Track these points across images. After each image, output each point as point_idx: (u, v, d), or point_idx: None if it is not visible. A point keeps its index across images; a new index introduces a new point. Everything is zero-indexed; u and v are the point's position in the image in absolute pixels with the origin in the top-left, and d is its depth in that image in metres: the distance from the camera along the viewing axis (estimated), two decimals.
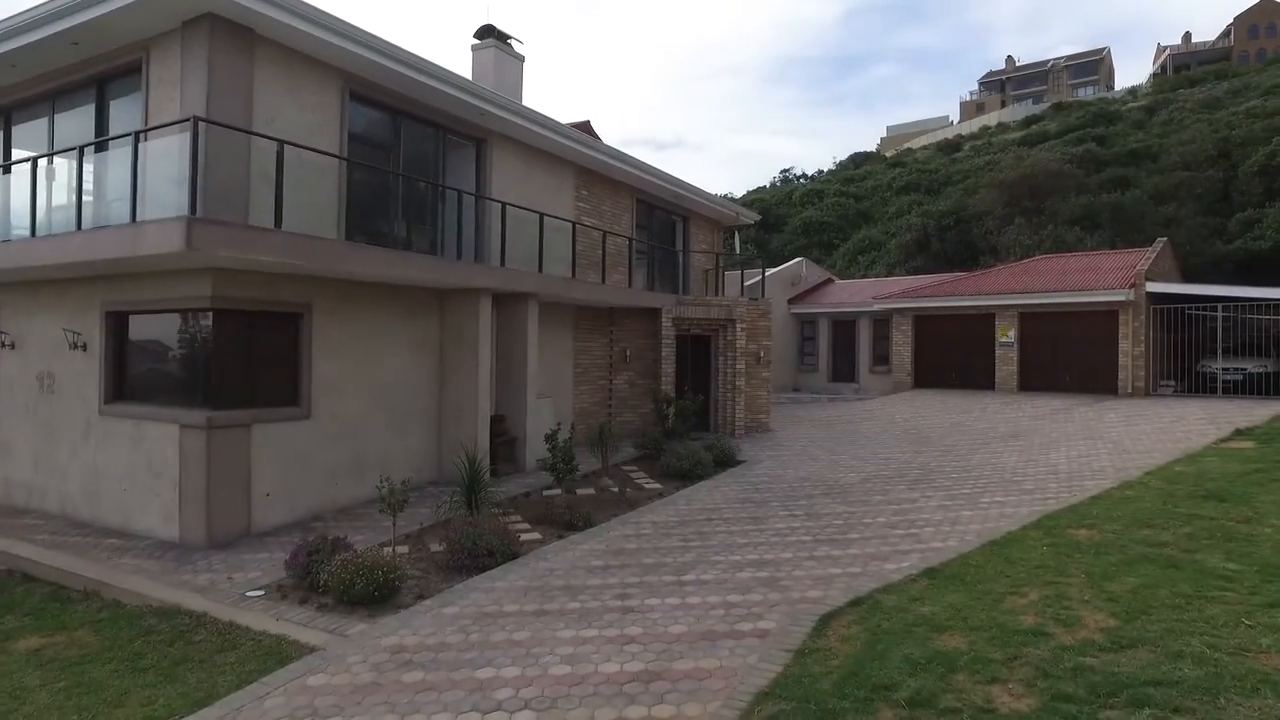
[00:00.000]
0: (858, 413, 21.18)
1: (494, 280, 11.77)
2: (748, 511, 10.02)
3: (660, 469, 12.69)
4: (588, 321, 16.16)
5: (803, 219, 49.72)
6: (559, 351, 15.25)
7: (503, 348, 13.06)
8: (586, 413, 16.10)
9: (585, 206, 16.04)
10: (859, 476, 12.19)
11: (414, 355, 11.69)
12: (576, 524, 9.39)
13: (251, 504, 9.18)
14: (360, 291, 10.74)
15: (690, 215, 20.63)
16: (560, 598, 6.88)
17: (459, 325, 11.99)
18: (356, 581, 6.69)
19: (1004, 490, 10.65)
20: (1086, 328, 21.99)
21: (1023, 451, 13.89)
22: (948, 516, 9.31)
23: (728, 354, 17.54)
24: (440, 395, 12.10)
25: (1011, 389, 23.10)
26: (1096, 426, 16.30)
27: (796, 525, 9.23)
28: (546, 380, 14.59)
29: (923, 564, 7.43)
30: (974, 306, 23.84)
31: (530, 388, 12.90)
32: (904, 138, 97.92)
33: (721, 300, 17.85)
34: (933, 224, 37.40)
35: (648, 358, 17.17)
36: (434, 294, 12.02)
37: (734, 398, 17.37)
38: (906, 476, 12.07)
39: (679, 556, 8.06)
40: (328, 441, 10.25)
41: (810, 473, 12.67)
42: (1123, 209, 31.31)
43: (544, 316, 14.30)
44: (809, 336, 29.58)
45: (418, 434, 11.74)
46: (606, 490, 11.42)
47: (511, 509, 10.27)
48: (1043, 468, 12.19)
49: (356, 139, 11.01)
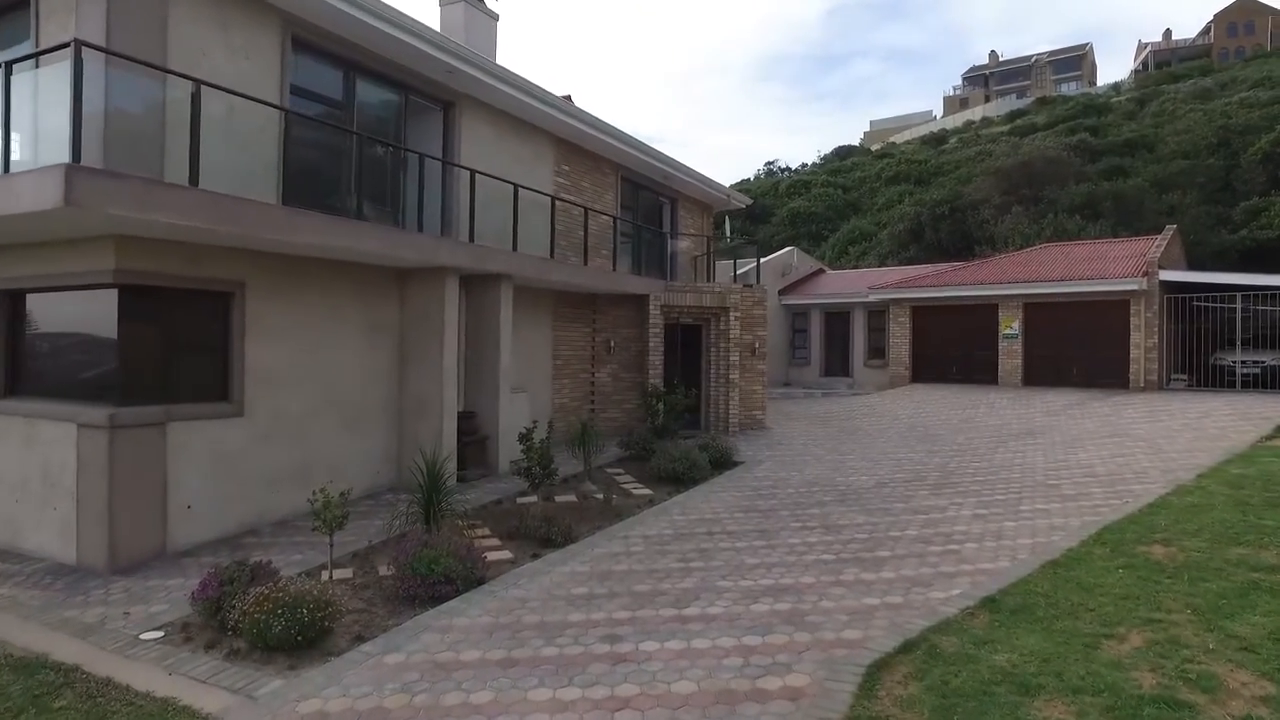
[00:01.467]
0: (855, 408, 19.93)
1: (461, 258, 10.33)
2: (754, 523, 8.67)
3: (650, 472, 11.33)
4: (568, 309, 14.75)
5: (790, 210, 48.47)
6: (536, 341, 13.84)
7: (472, 336, 11.63)
8: (567, 408, 14.70)
9: (565, 183, 14.63)
10: (872, 480, 10.88)
11: (371, 343, 10.23)
12: (555, 539, 8.00)
13: (168, 518, 7.70)
14: (306, 269, 9.27)
15: (679, 197, 19.27)
16: (533, 640, 5.49)
17: (422, 309, 10.55)
18: (274, 622, 5.27)
19: (1043, 496, 9.38)
20: (1095, 319, 20.85)
21: (1046, 451, 12.66)
22: (988, 529, 8.01)
23: (720, 345, 16.20)
24: (401, 389, 10.66)
25: (1015, 384, 21.94)
26: (1117, 423, 15.12)
27: (813, 540, 7.89)
28: (522, 373, 13.17)
29: (976, 591, 6.12)
30: (976, 297, 22.65)
31: (503, 381, 11.48)
32: (887, 132, 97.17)
33: (713, 286, 16.50)
34: (926, 213, 36.19)
35: (633, 349, 15.79)
36: (393, 274, 10.57)
37: (727, 392, 16.03)
38: (926, 480, 10.78)
39: (679, 581, 6.69)
40: (265, 443, 8.79)
41: (817, 475, 11.35)
42: (1124, 197, 30.24)
43: (519, 302, 12.88)
44: (800, 329, 28.32)
45: (375, 433, 10.29)
46: (590, 497, 10.03)
47: (479, 520, 8.86)
48: (1076, 469, 10.94)
49: (302, 94, 9.53)
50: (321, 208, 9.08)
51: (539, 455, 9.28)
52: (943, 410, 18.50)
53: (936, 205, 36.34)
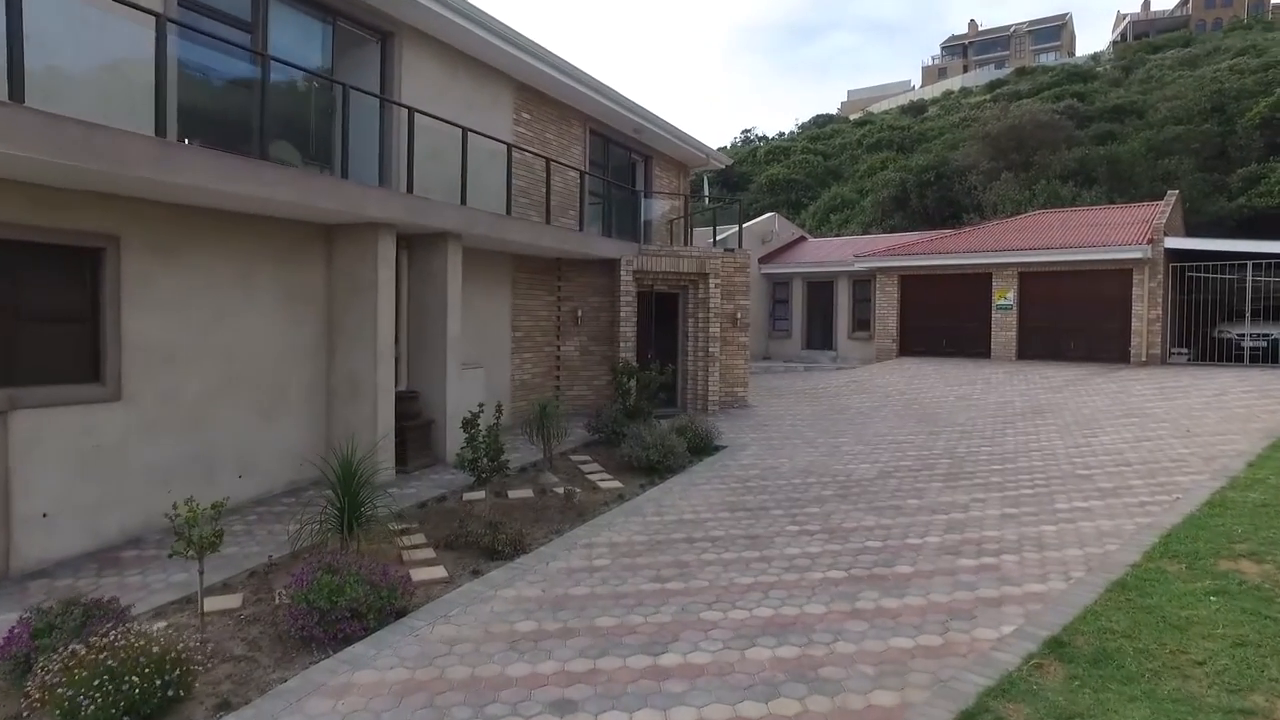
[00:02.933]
0: (842, 384, 18.63)
1: (396, 211, 8.74)
2: (742, 526, 7.28)
3: (619, 460, 9.91)
4: (530, 274, 13.21)
5: (768, 176, 46.84)
6: (493, 311, 12.30)
7: (416, 305, 10.08)
8: (529, 386, 13.21)
9: (526, 133, 13.01)
10: (875, 468, 9.55)
11: (291, 314, 8.66)
12: (501, 549, 6.56)
13: (11, 530, 6.15)
14: (203, 223, 7.66)
15: (653, 155, 17.69)
16: (459, 710, 4.07)
17: (351, 272, 8.98)
18: (88, 700, 3.78)
19: (1078, 490, 8.09)
20: (1095, 289, 19.66)
21: (1062, 433, 11.41)
22: (1025, 535, 6.69)
23: (699, 315, 14.75)
24: (330, 367, 9.11)
25: (1009, 357, 20.76)
26: (1129, 401, 13.94)
27: (816, 550, 6.52)
28: (477, 346, 11.65)
29: (1035, 627, 4.78)
30: (969, 266, 21.36)
31: (451, 356, 9.96)
32: (865, 102, 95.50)
33: (692, 250, 15.00)
34: (912, 179, 34.77)
35: (603, 319, 14.31)
36: (318, 232, 8.97)
37: (707, 367, 14.62)
38: (935, 469, 9.46)
39: (653, 612, 5.29)
40: (153, 432, 7.23)
41: (811, 462, 9.99)
42: (1119, 163, 29.04)
43: (473, 266, 11.33)
44: (781, 299, 26.94)
45: (297, 419, 8.76)
46: (549, 491, 8.59)
47: (414, 523, 7.40)
48: (1104, 455, 9.68)
49: (194, 7, 7.85)
50: (220, 146, 7.44)
51: (485, 445, 7.82)
52: (936, 386, 17.26)
53: (922, 171, 34.94)
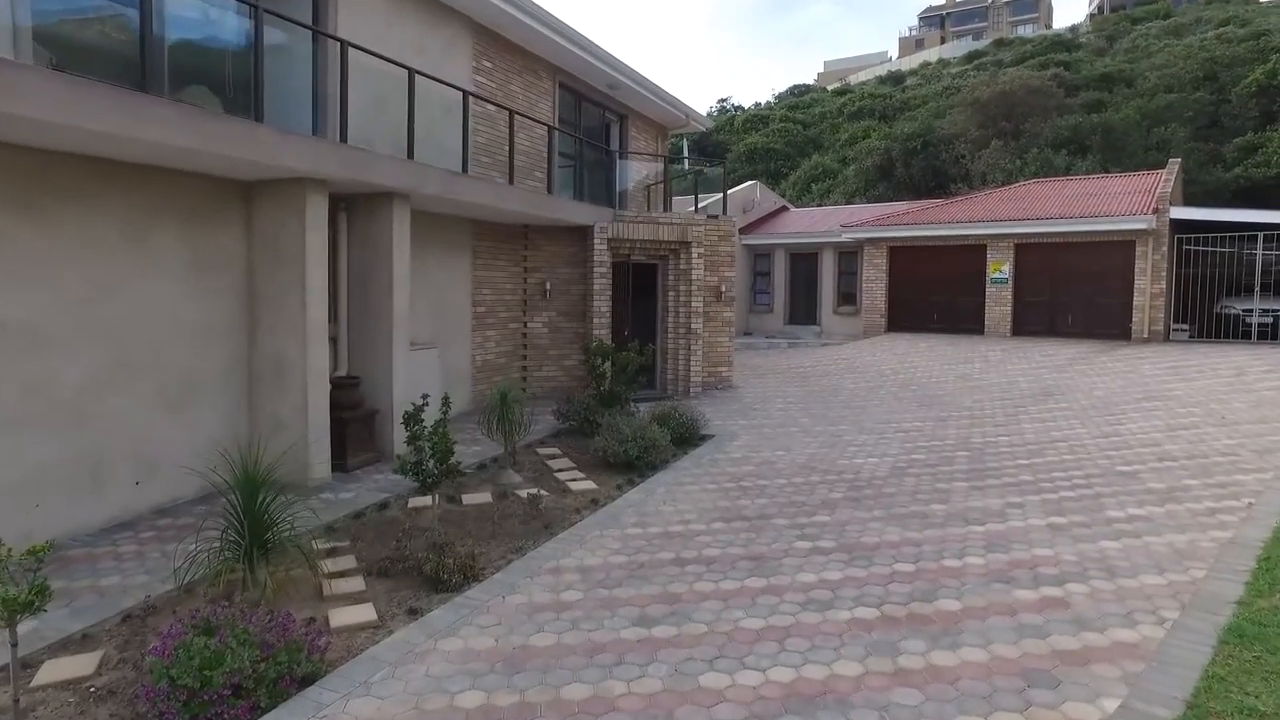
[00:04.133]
0: (831, 362, 17.49)
1: (327, 163, 7.30)
2: (741, 542, 6.06)
3: (593, 454, 8.65)
4: (493, 243, 11.82)
5: (747, 145, 45.34)
6: (450, 283, 10.91)
7: (358, 277, 8.68)
8: (492, 367, 11.88)
9: (488, 84, 11.54)
10: (885, 463, 8.38)
11: (199, 286, 7.24)
12: (447, 578, 5.27)
13: None
14: (78, 174, 6.20)
15: (629, 115, 16.26)
16: None
17: (275, 238, 7.57)
18: None
19: (1126, 492, 6.96)
20: (1095, 262, 18.63)
21: (1081, 419, 10.33)
22: (1084, 555, 5.53)
23: (679, 288, 13.46)
24: (250, 348, 7.72)
25: (1004, 333, 19.73)
26: (1142, 382, 12.92)
27: (835, 576, 5.31)
28: (431, 324, 10.29)
29: (1144, 701, 3.61)
30: (962, 237, 20.22)
31: (398, 335, 8.60)
32: (842, 73, 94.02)
33: (672, 217, 13.66)
34: (898, 147, 33.49)
35: (574, 293, 12.97)
36: (234, 189, 7.53)
37: (689, 345, 13.36)
38: (954, 463, 8.31)
39: (637, 675, 4.05)
40: (13, 432, 5.83)
41: (811, 455, 8.80)
42: (1113, 131, 27.99)
43: (426, 233, 9.94)
44: (762, 272, 25.69)
45: (211, 411, 7.37)
46: (510, 495, 7.31)
47: (346, 540, 6.09)
48: (1140, 447, 8.59)
49: None
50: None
51: (436, 444, 6.50)
52: (932, 365, 16.16)
53: (908, 139, 33.66)
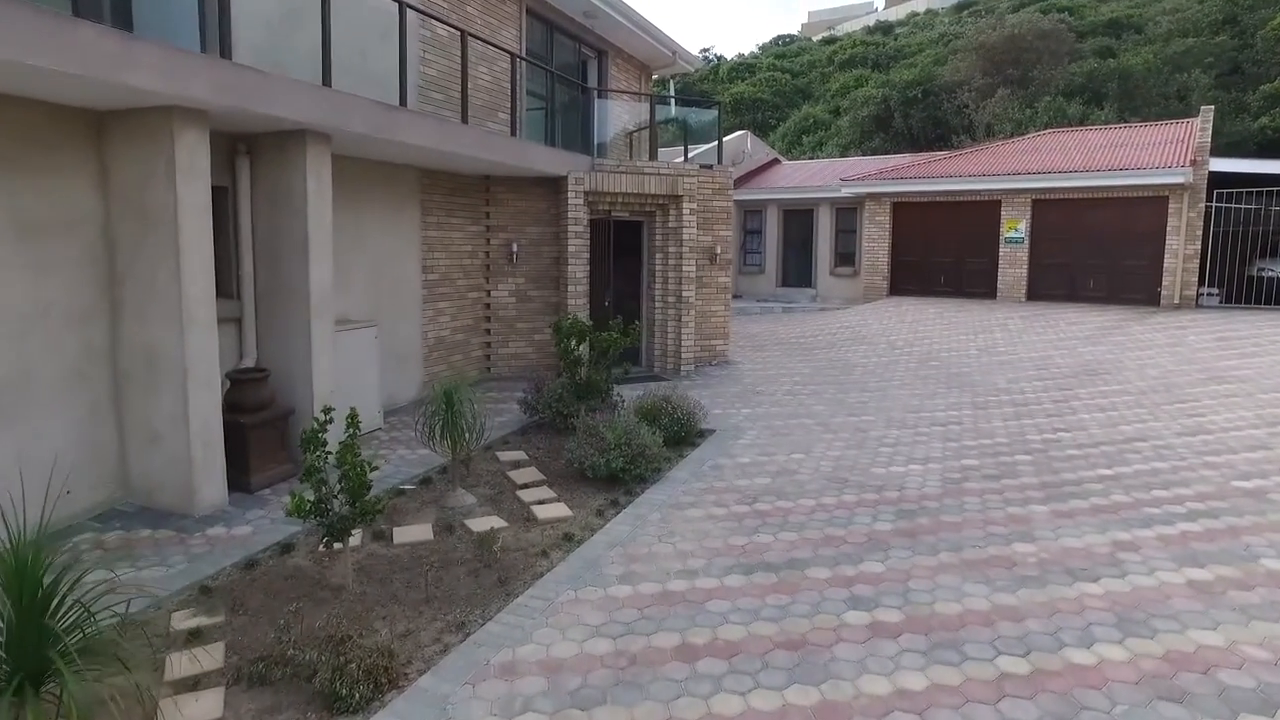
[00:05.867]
0: (834, 330, 15.79)
1: (196, 82, 5.35)
2: (770, 612, 4.34)
3: (566, 462, 6.90)
4: (447, 197, 9.91)
5: (732, 95, 42.94)
6: (394, 247, 9.01)
7: (264, 240, 6.79)
8: (448, 345, 10.06)
9: (440, 5, 9.53)
10: (931, 473, 6.70)
11: (30, 255, 5.33)
12: (348, 693, 3.52)
13: None
14: None
15: (609, 51, 14.23)
16: None
17: (138, 190, 5.65)
18: None
19: (1270, 525, 5.33)
20: (1122, 220, 16.96)
21: (1147, 406, 8.72)
22: (1273, 641, 3.89)
23: (668, 249, 11.63)
24: (114, 339, 5.86)
25: (1018, 297, 18.10)
26: (1193, 356, 11.35)
27: (914, 684, 3.60)
28: (369, 296, 8.43)
29: None
30: (974, 192, 18.43)
31: (319, 314, 6.74)
32: (827, 24, 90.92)
33: (660, 166, 11.75)
34: (896, 96, 31.36)
35: (546, 256, 11.12)
36: (79, 122, 5.58)
37: (679, 316, 11.58)
38: (1017, 472, 6.65)
39: None
40: None
41: (838, 461, 7.10)
42: (1131, 77, 26.07)
43: (360, 185, 8.04)
44: (753, 230, 23.79)
45: (57, 420, 5.51)
46: (457, 529, 5.57)
47: (220, 612, 4.33)
48: (1246, 451, 6.97)
49: None
50: None
51: (350, 475, 4.68)
52: (946, 334, 14.51)
53: (907, 87, 31.51)
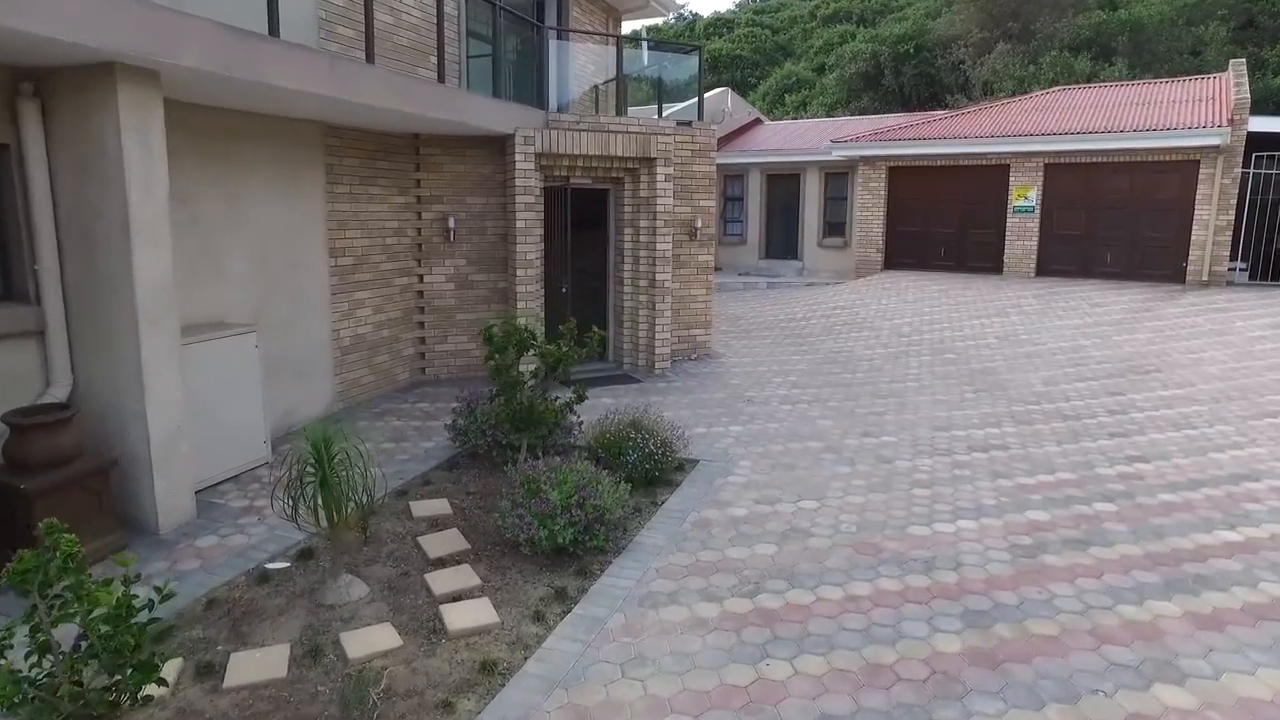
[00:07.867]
0: (827, 310, 14.03)
1: None
2: None
3: (497, 522, 5.04)
4: (363, 159, 7.91)
5: (710, 51, 40.56)
6: (289, 222, 7.02)
7: (71, 219, 4.83)
8: (368, 344, 8.14)
9: None
10: (990, 534, 4.96)
11: None
12: None
13: None
14: None
15: None
16: None
17: None
18: None
19: None
20: (1145, 186, 15.30)
21: (1239, 426, 7.06)
22: None
23: (639, 224, 9.73)
24: None
25: (1027, 273, 16.44)
26: (1253, 348, 9.75)
27: None
28: (255, 288, 6.47)
29: None
30: (980, 155, 16.65)
31: (151, 318, 4.80)
32: None
33: (629, 123, 9.77)
34: (886, 52, 29.25)
35: (491, 232, 9.19)
36: None
37: (653, 302, 9.72)
38: (1105, 533, 4.92)
39: None
40: None
41: (862, 513, 5.32)
42: (1143, 30, 24.21)
43: (231, 141, 6.05)
44: (734, 196, 21.90)
45: None
46: (320, 655, 3.73)
47: None
48: None
49: None
50: None
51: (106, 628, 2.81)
52: (956, 317, 12.79)
53: (898, 42, 29.38)
